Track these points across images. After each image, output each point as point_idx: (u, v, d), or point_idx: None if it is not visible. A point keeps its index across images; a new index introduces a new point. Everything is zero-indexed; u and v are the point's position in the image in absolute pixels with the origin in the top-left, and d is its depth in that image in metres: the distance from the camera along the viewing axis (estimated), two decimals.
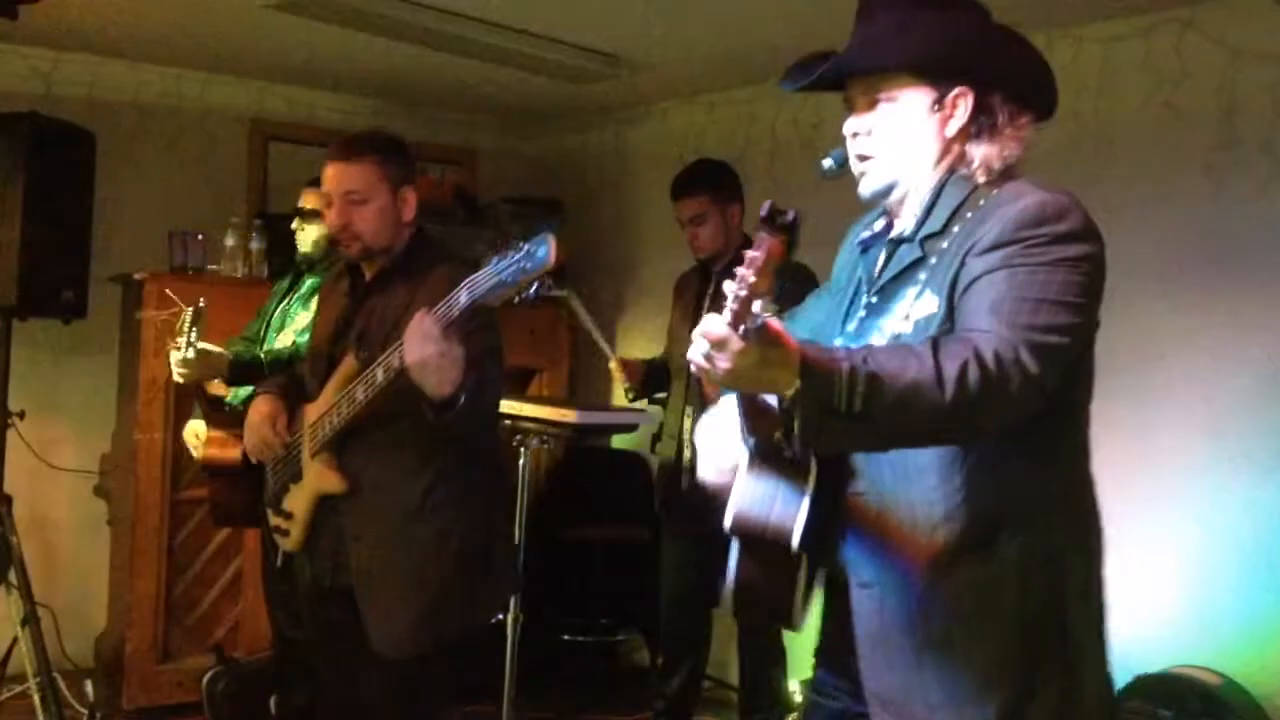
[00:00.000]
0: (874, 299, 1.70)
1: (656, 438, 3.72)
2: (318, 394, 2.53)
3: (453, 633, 2.46)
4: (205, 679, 3.78)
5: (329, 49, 4.13)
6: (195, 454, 3.36)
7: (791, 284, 3.27)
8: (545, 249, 1.92)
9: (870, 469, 1.66)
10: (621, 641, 4.69)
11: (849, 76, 1.69)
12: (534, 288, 1.99)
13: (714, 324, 1.34)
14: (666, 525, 3.73)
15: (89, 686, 3.67)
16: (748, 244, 3.86)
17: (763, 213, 1.43)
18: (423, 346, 2.10)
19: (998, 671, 1.58)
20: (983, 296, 1.51)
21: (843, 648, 1.73)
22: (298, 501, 2.56)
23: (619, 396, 4.00)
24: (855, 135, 1.70)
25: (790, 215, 1.42)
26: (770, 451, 1.63)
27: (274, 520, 2.65)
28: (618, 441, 4.75)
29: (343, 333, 2.55)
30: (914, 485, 1.61)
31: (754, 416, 1.63)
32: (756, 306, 1.33)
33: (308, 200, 3.44)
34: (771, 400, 1.52)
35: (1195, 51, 3.28)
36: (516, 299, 2.02)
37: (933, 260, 1.62)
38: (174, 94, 4.63)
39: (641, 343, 4.74)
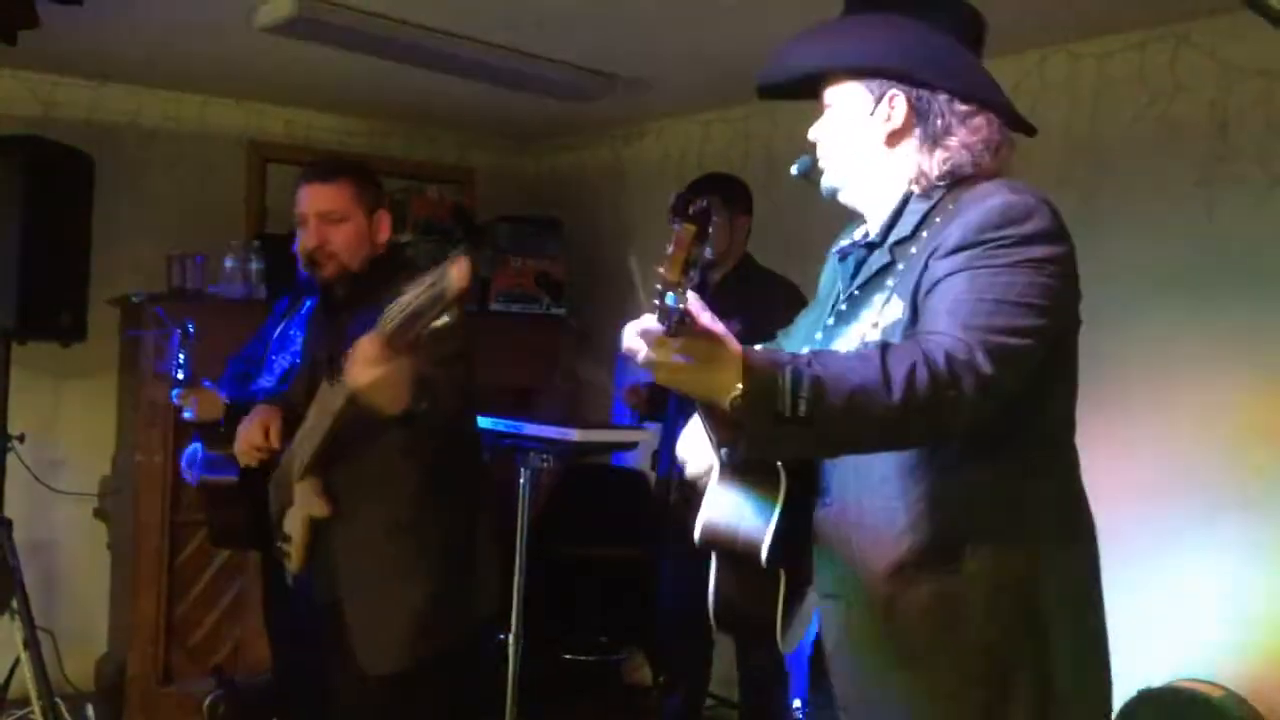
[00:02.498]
0: (843, 306, 1.70)
1: (657, 454, 3.73)
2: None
3: (436, 650, 2.46)
4: (207, 701, 3.77)
5: (326, 71, 4.15)
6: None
7: (763, 295, 3.26)
8: (455, 270, 1.93)
9: (835, 479, 1.64)
10: (623, 660, 4.67)
11: (814, 85, 1.71)
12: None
13: (642, 319, 1.35)
14: (665, 542, 3.74)
15: (90, 710, 3.67)
16: (748, 260, 3.89)
17: (671, 202, 1.36)
18: (364, 371, 2.11)
19: (966, 686, 1.54)
20: (943, 298, 1.48)
21: (821, 660, 1.73)
22: (294, 524, 2.57)
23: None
24: (815, 141, 1.74)
25: (701, 204, 1.36)
26: (740, 462, 1.61)
27: (279, 543, 2.67)
28: (618, 459, 4.75)
29: (319, 356, 2.57)
30: (877, 495, 1.58)
31: (720, 427, 1.56)
32: (669, 299, 1.29)
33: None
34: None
35: (1189, 67, 3.29)
36: (440, 323, 2.02)
37: (900, 266, 1.60)
38: (172, 117, 4.65)
39: None
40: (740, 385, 1.32)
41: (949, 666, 1.54)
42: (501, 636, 3.27)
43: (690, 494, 1.79)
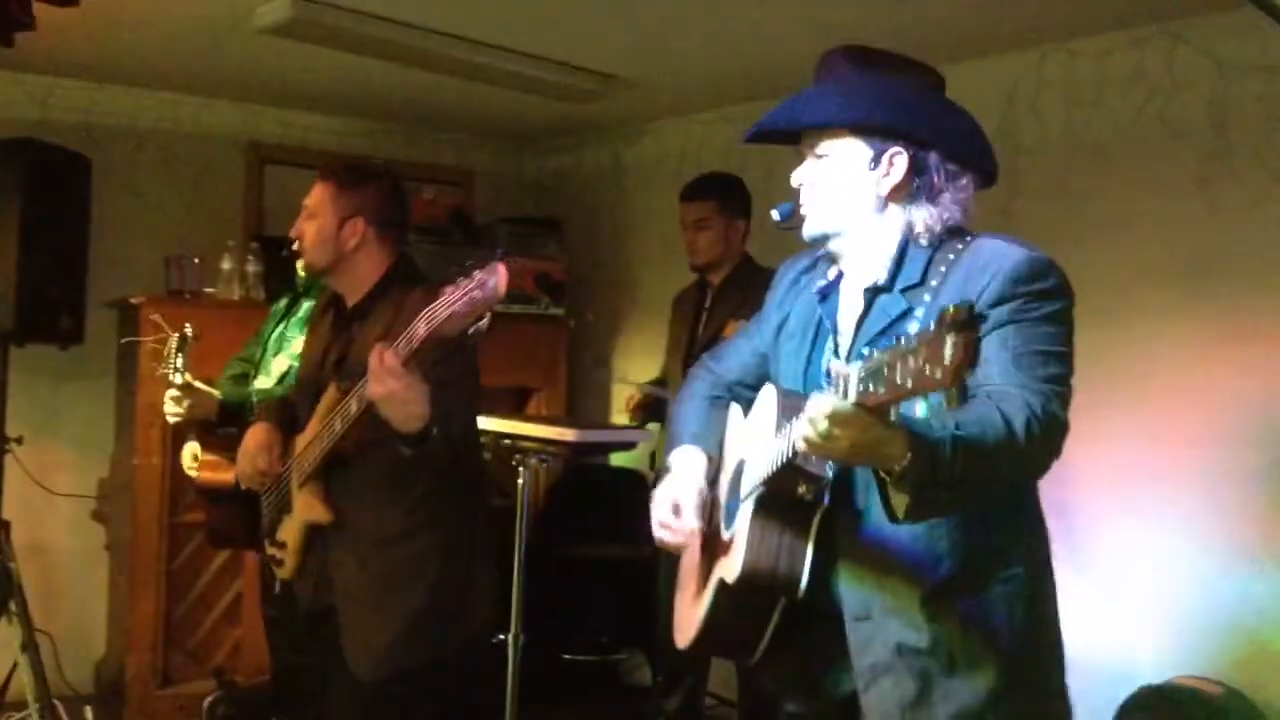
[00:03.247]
0: (865, 349, 1.75)
1: (655, 455, 3.73)
2: (307, 423, 2.54)
3: (431, 657, 2.44)
4: (206, 703, 3.77)
5: (324, 72, 4.15)
6: (191, 474, 3.36)
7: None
8: (495, 279, 1.93)
9: (873, 512, 1.70)
10: (622, 660, 4.67)
11: (801, 130, 1.80)
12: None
13: (831, 403, 1.38)
14: None
15: (89, 713, 3.66)
16: (748, 261, 3.90)
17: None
18: (384, 382, 2.10)
19: (995, 695, 1.69)
20: (1000, 350, 1.62)
21: (814, 668, 1.85)
22: (289, 531, 2.57)
23: (619, 409, 4.01)
24: (800, 185, 1.81)
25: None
26: (776, 501, 1.70)
27: (270, 550, 2.66)
28: (617, 459, 4.75)
29: (327, 362, 2.57)
30: (916, 525, 1.65)
31: (783, 475, 1.65)
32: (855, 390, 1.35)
33: None
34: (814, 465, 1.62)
35: (1186, 64, 3.29)
36: (471, 330, 2.01)
37: (919, 311, 1.70)
38: (170, 118, 4.65)
39: (639, 360, 4.75)
40: (909, 456, 1.43)
41: (986, 674, 1.69)
42: (501, 637, 3.27)
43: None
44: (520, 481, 3.41)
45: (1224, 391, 3.19)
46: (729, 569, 1.75)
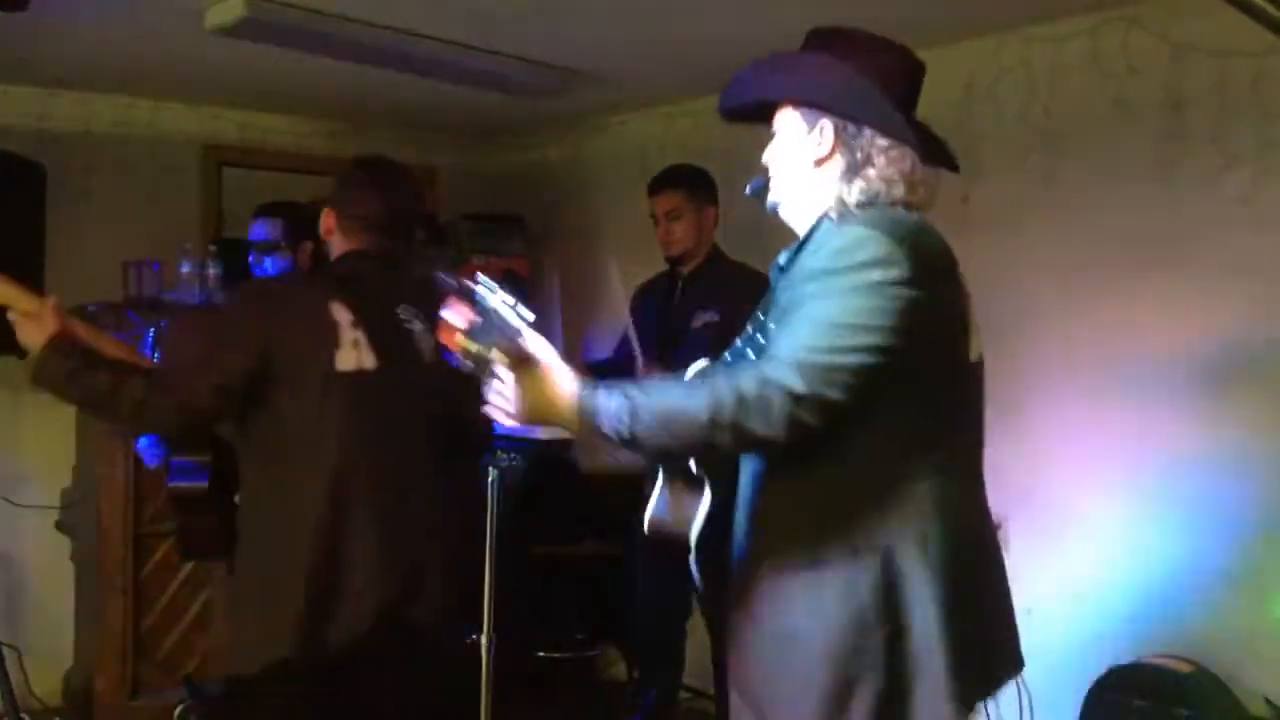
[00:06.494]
0: (749, 329, 1.86)
1: None
2: None
3: (256, 664, 2.30)
4: (176, 711, 3.73)
5: (280, 72, 4.10)
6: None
7: (735, 287, 3.30)
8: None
9: (742, 479, 1.81)
10: (597, 656, 4.67)
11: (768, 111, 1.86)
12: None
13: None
14: (636, 537, 3.73)
15: None
16: (717, 252, 3.88)
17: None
18: None
19: (824, 666, 1.65)
20: (783, 324, 1.66)
21: None
22: None
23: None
24: (766, 164, 1.88)
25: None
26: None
27: None
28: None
29: None
30: (756, 493, 1.76)
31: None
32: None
33: (259, 229, 3.44)
34: None
35: (1141, 48, 3.32)
36: None
37: (778, 292, 1.77)
38: (124, 122, 4.58)
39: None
40: (579, 420, 1.64)
41: (817, 643, 1.67)
42: (475, 636, 3.26)
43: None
44: (489, 480, 3.40)
45: (1187, 371, 3.22)
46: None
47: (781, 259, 1.84)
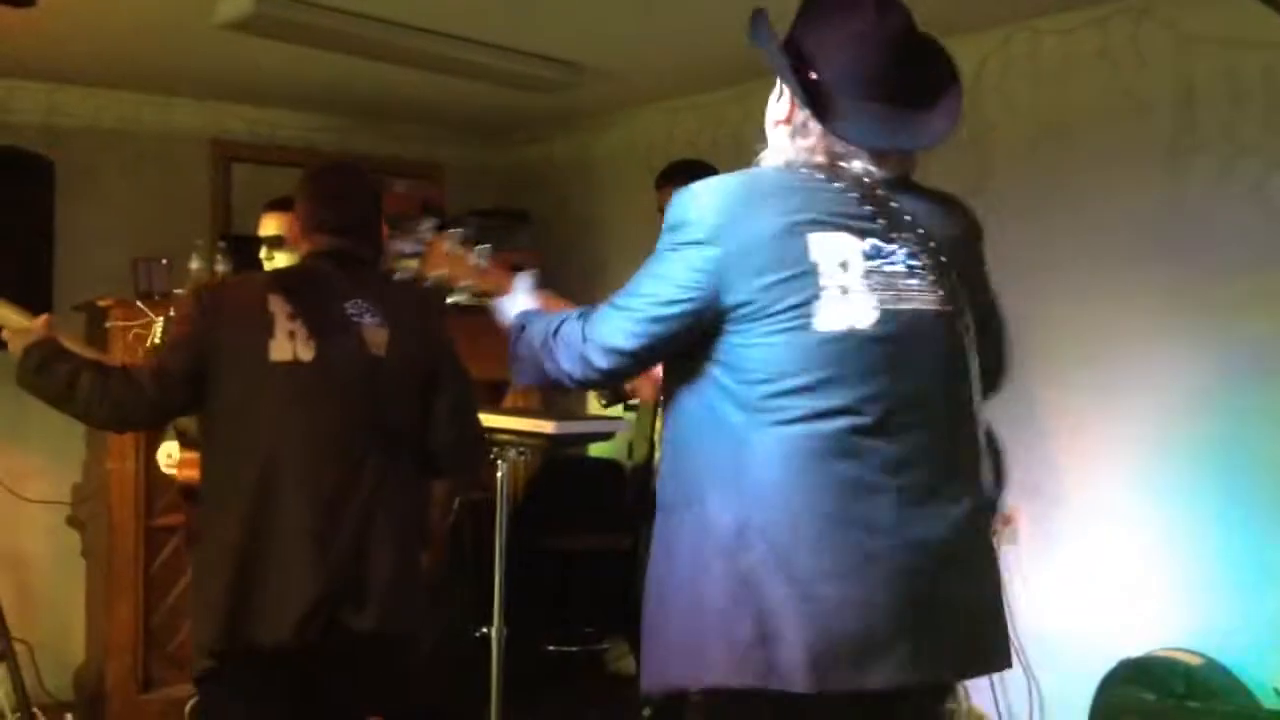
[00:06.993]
0: None
1: (632, 444, 3.72)
2: None
3: (222, 655, 2.33)
4: (189, 706, 3.74)
5: (288, 68, 4.11)
6: (171, 474, 3.32)
7: None
8: None
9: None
10: (606, 649, 4.67)
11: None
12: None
13: None
14: (643, 528, 3.73)
15: None
16: None
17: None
18: None
19: (678, 615, 1.72)
20: None
21: None
22: None
23: (594, 404, 4.00)
24: None
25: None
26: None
27: None
28: (595, 450, 4.75)
29: None
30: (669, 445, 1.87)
31: None
32: None
33: (268, 225, 3.43)
34: None
35: (1151, 40, 3.31)
36: None
37: None
38: (132, 118, 4.59)
39: None
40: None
41: (675, 593, 1.74)
42: (484, 630, 3.27)
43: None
44: (499, 475, 3.40)
45: (1196, 364, 3.21)
46: None
47: None
